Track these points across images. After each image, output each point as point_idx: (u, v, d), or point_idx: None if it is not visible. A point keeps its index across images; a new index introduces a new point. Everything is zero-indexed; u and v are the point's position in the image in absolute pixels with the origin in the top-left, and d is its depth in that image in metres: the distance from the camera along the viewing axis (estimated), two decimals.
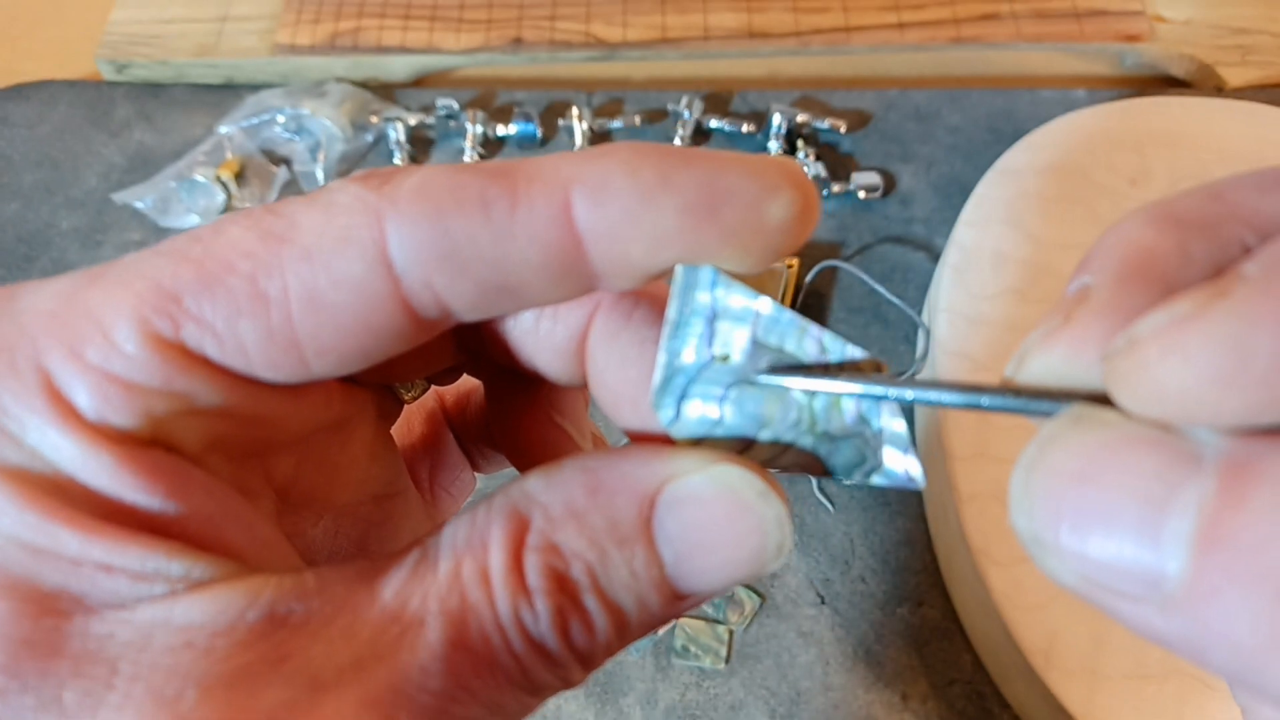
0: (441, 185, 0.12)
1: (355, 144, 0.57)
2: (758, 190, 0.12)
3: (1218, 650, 0.09)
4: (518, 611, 0.12)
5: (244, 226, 0.13)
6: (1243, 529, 0.09)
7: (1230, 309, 0.09)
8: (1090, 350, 0.11)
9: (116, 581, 0.12)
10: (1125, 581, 0.10)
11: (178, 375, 0.12)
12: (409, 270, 0.12)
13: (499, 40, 0.59)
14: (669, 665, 0.41)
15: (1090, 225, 0.45)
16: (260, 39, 0.60)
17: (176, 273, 0.12)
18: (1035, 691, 0.37)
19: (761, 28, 0.59)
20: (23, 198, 0.57)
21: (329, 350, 0.13)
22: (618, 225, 0.12)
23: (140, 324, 0.12)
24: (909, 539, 0.43)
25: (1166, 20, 0.58)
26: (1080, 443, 0.10)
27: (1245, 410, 0.09)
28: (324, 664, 0.11)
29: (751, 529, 0.13)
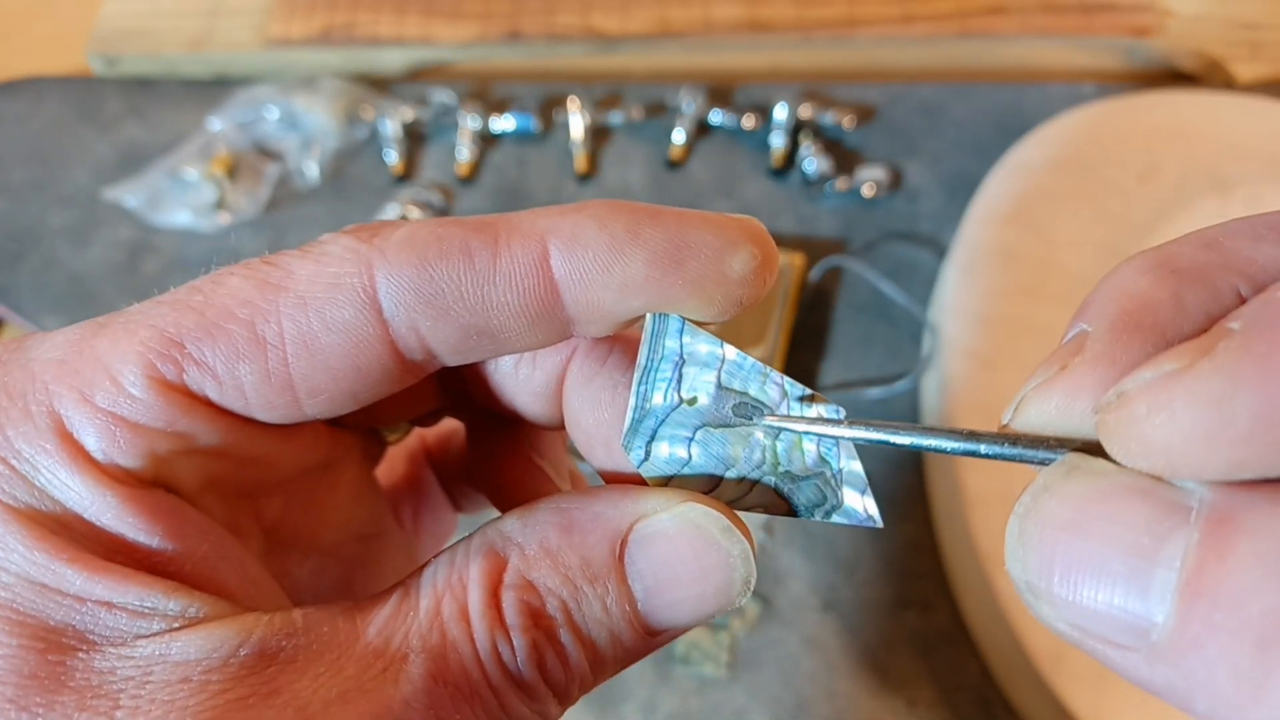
0: (427, 236, 0.14)
1: (348, 139, 0.56)
2: (720, 245, 0.13)
3: (1201, 698, 0.10)
4: (495, 646, 0.13)
5: (242, 276, 0.14)
6: (1224, 580, 0.09)
7: (1213, 368, 0.10)
8: (1085, 400, 0.11)
9: (118, 618, 0.12)
10: (1114, 631, 0.10)
11: (180, 416, 0.13)
12: (397, 314, 0.13)
13: (495, 32, 0.58)
14: (670, 672, 0.40)
15: (1100, 222, 0.45)
16: (252, 32, 0.59)
17: (179, 320, 0.13)
18: (1043, 697, 0.36)
19: (764, 19, 0.58)
20: (12, 195, 0.56)
21: (321, 391, 0.14)
22: (590, 273, 0.13)
23: (146, 368, 0.13)
24: (915, 543, 0.43)
25: (1176, 14, 0.57)
26: (1072, 493, 0.11)
27: (1229, 466, 0.10)
28: (312, 698, 0.12)
29: (717, 564, 0.14)
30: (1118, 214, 0.45)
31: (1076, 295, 0.43)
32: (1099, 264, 0.43)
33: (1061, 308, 0.42)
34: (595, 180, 0.54)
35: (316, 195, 0.55)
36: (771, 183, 0.53)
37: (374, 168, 0.55)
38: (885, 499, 0.44)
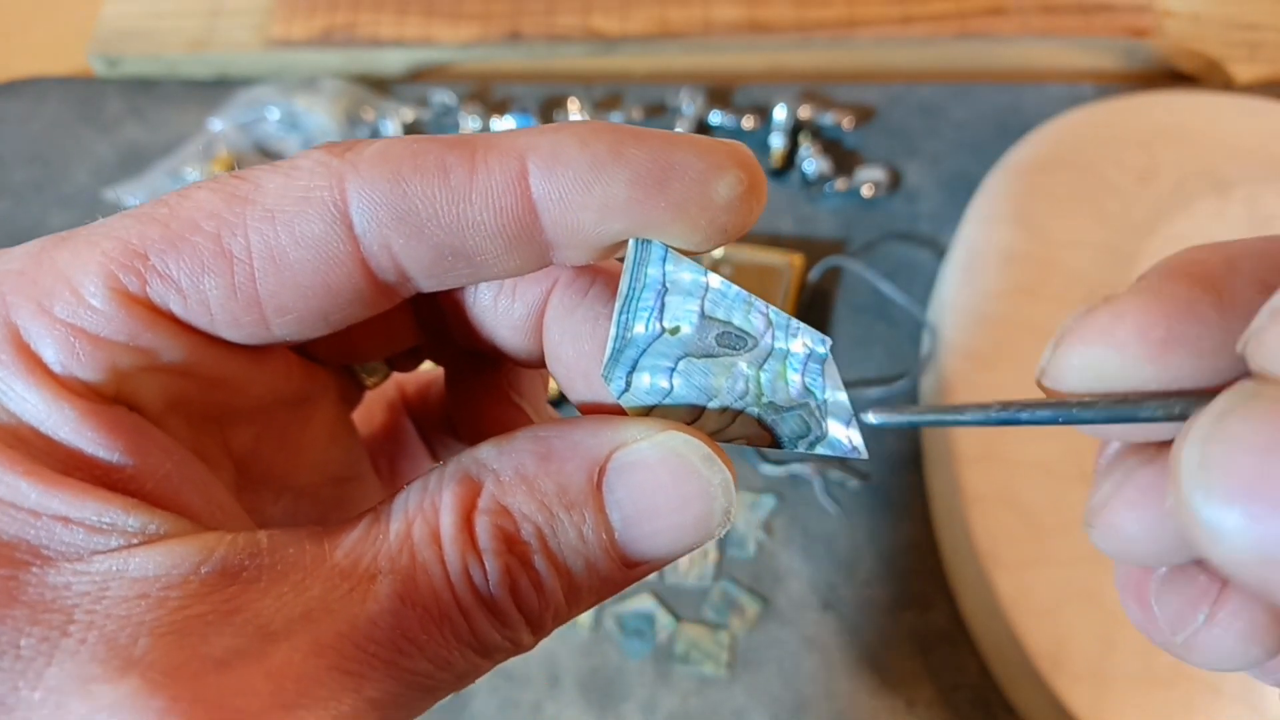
0: (402, 151, 0.13)
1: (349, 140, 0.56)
2: (705, 167, 0.13)
3: None
4: (468, 569, 0.13)
5: (210, 189, 0.13)
6: None
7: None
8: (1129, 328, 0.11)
9: (74, 533, 0.12)
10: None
11: (143, 330, 0.13)
12: (368, 230, 0.13)
13: (496, 33, 0.58)
14: (670, 671, 0.40)
15: (1099, 223, 0.45)
16: (253, 33, 0.59)
17: (144, 232, 0.13)
18: (1042, 697, 0.36)
19: (764, 20, 0.58)
20: (13, 195, 0.56)
21: (289, 309, 0.13)
22: (570, 193, 0.13)
23: (108, 279, 0.12)
24: (914, 543, 0.43)
25: (1174, 15, 0.57)
26: (1264, 413, 0.10)
27: None
28: (274, 616, 0.12)
29: (697, 493, 0.13)
30: (1117, 214, 0.45)
31: (1075, 295, 0.43)
32: (1098, 264, 0.43)
33: (1061, 308, 0.42)
34: None
35: None
36: (771, 183, 0.53)
37: None
38: (884, 499, 0.44)
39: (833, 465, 0.44)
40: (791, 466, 0.44)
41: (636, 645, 0.41)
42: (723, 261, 0.48)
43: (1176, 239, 0.44)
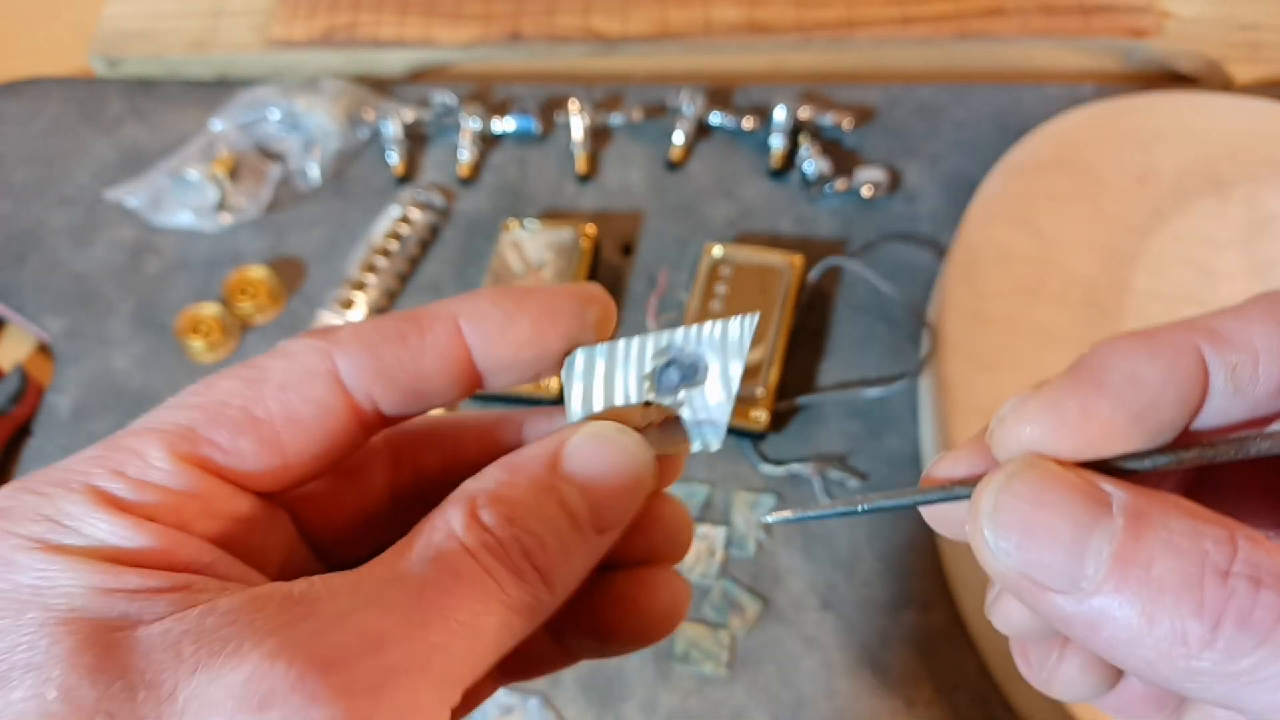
0: (369, 329, 0.19)
1: (350, 140, 0.56)
2: (579, 305, 0.19)
3: (1108, 627, 0.15)
4: (484, 541, 0.17)
5: (229, 378, 0.18)
6: (1140, 552, 0.14)
7: (1050, 387, 0.16)
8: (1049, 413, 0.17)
9: (170, 598, 0.15)
10: (1053, 577, 0.15)
11: (198, 481, 0.17)
12: (356, 387, 0.18)
13: (497, 34, 0.58)
14: (670, 671, 0.40)
15: (1098, 223, 0.45)
16: (254, 34, 0.59)
17: (189, 415, 0.18)
18: (1041, 696, 0.36)
19: (764, 21, 0.58)
20: (14, 195, 0.56)
21: (304, 452, 0.18)
22: (492, 337, 0.19)
23: (169, 447, 0.17)
24: (914, 543, 0.43)
25: (1174, 15, 0.57)
26: (1035, 479, 0.16)
27: (1074, 447, 0.16)
28: (347, 609, 0.15)
29: (621, 451, 0.19)
30: (1116, 215, 0.45)
31: (1074, 296, 0.43)
32: (1097, 264, 0.44)
33: (1060, 308, 0.42)
34: (595, 181, 0.55)
35: (318, 196, 0.55)
36: (771, 183, 0.54)
37: (375, 169, 0.56)
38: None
39: (833, 465, 0.44)
40: (791, 466, 0.44)
41: None
42: (723, 262, 0.48)
43: (1175, 239, 0.44)
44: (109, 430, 0.17)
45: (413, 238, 0.52)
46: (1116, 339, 0.17)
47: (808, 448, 0.45)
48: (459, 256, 0.52)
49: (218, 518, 0.17)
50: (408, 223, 0.53)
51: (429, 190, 0.54)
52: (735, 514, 0.43)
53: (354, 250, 0.52)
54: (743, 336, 0.19)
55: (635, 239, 0.52)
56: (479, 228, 0.53)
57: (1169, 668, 0.14)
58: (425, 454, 0.22)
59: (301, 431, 0.18)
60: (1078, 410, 0.16)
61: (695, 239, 0.52)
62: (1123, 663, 0.15)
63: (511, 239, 0.50)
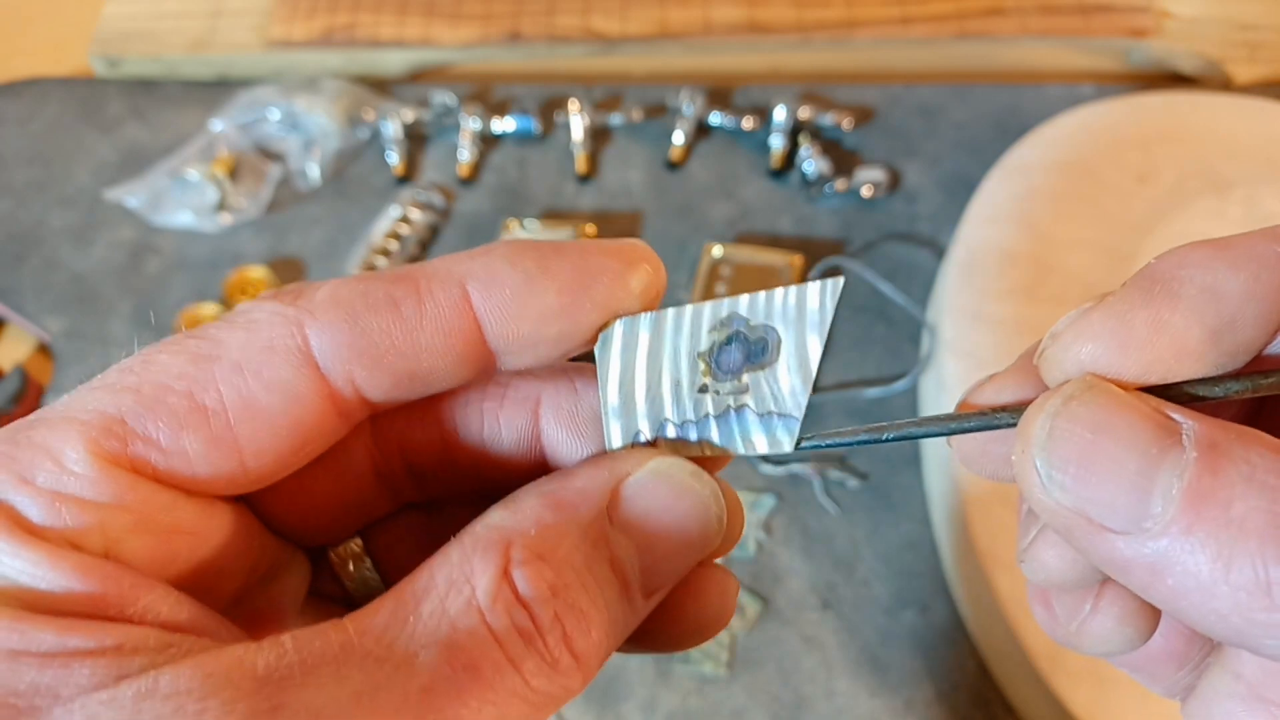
0: (351, 292, 0.14)
1: (350, 140, 0.56)
2: (620, 266, 0.15)
3: (1174, 575, 0.12)
4: (515, 623, 0.13)
5: (172, 352, 0.14)
6: (1217, 489, 0.12)
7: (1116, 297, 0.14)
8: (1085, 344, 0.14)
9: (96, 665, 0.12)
10: (1113, 516, 0.13)
11: (127, 490, 0.13)
12: (332, 368, 0.14)
13: (496, 34, 0.58)
14: (670, 671, 0.40)
15: (1098, 223, 0.45)
16: (254, 34, 0.59)
17: (118, 401, 0.14)
18: (1041, 696, 0.36)
19: (763, 21, 0.58)
20: (14, 195, 0.56)
21: (266, 451, 0.14)
22: (509, 306, 0.15)
23: (90, 445, 0.13)
24: (914, 542, 0.43)
25: (1174, 16, 0.57)
26: (1097, 402, 0.13)
27: (1140, 368, 0.13)
28: (324, 705, 0.12)
29: (694, 505, 0.15)
30: (1116, 215, 0.45)
31: (1074, 295, 0.43)
32: (1097, 264, 0.44)
33: (1059, 308, 0.42)
34: (595, 181, 0.55)
35: (318, 196, 0.55)
36: (771, 184, 0.54)
37: (375, 168, 0.56)
38: (884, 498, 0.44)
39: (833, 465, 0.44)
40: (791, 466, 0.44)
41: None
42: (723, 262, 0.48)
43: (1175, 239, 0.44)
44: None
45: (412, 238, 0.52)
46: (1189, 246, 0.14)
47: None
48: None
49: (156, 534, 0.14)
50: (408, 223, 0.53)
51: (429, 190, 0.54)
52: None
53: (354, 250, 0.52)
54: (824, 306, 0.15)
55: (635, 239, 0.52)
56: (479, 228, 0.53)
57: (1246, 622, 0.12)
58: (417, 430, 0.17)
59: (263, 425, 0.14)
60: (1148, 325, 0.13)
61: (695, 239, 0.52)
62: (1187, 615, 0.13)
63: (511, 239, 0.50)
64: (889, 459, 0.45)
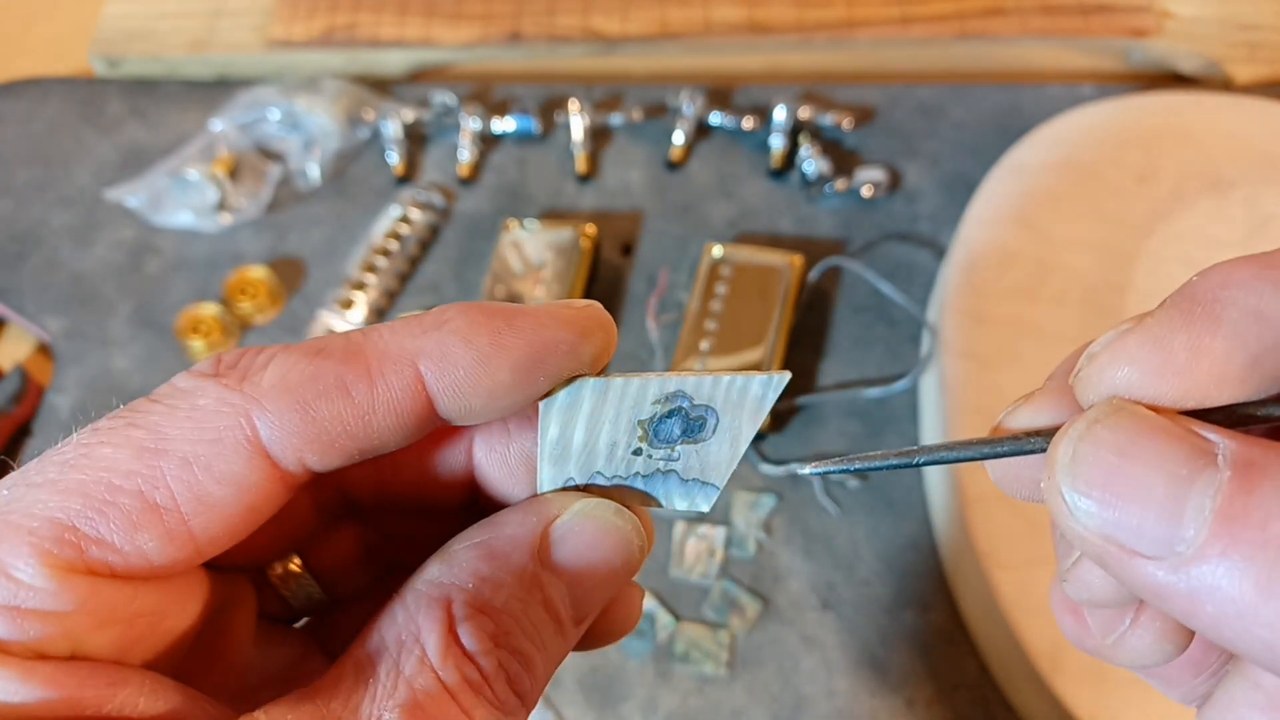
0: (301, 376, 0.15)
1: (350, 140, 0.56)
2: (574, 339, 0.15)
3: (1213, 601, 0.12)
4: (466, 677, 0.14)
5: (114, 445, 0.14)
6: (1252, 509, 0.12)
7: (1154, 320, 0.13)
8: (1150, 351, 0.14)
9: None
10: (1143, 541, 0.12)
11: (88, 595, 0.13)
12: (285, 456, 0.15)
13: (497, 34, 0.58)
14: (670, 671, 0.40)
15: (1098, 223, 0.45)
16: (254, 34, 0.59)
17: (65, 503, 0.13)
18: (1042, 696, 0.36)
19: (763, 21, 0.58)
20: (14, 195, 0.56)
21: (219, 536, 0.15)
22: (462, 386, 0.15)
23: (42, 558, 0.13)
24: (914, 543, 0.43)
25: (1174, 16, 0.57)
26: (1123, 425, 0.13)
27: (1177, 394, 0.13)
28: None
29: (618, 541, 0.16)
30: (1116, 214, 0.45)
31: (1074, 295, 0.43)
32: (1097, 264, 0.44)
33: (1059, 308, 0.42)
34: (596, 181, 0.55)
35: (318, 196, 0.55)
36: (771, 183, 0.54)
37: (375, 168, 0.56)
38: (884, 499, 0.44)
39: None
40: (791, 466, 0.44)
41: (637, 645, 0.41)
42: (723, 262, 0.48)
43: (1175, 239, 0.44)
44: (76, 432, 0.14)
45: (413, 238, 0.52)
46: (1233, 264, 0.14)
47: (808, 447, 0.45)
48: (459, 256, 0.53)
49: (119, 624, 0.14)
50: (408, 223, 0.53)
51: (429, 190, 0.54)
52: (735, 514, 0.43)
53: (354, 250, 0.52)
54: (765, 397, 0.16)
55: (635, 239, 0.52)
56: (479, 228, 0.53)
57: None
58: (354, 470, 0.17)
59: (216, 516, 0.14)
60: (1187, 349, 0.13)
61: (695, 239, 0.52)
62: (1231, 644, 0.12)
63: (511, 239, 0.50)
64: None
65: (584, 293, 0.49)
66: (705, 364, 0.45)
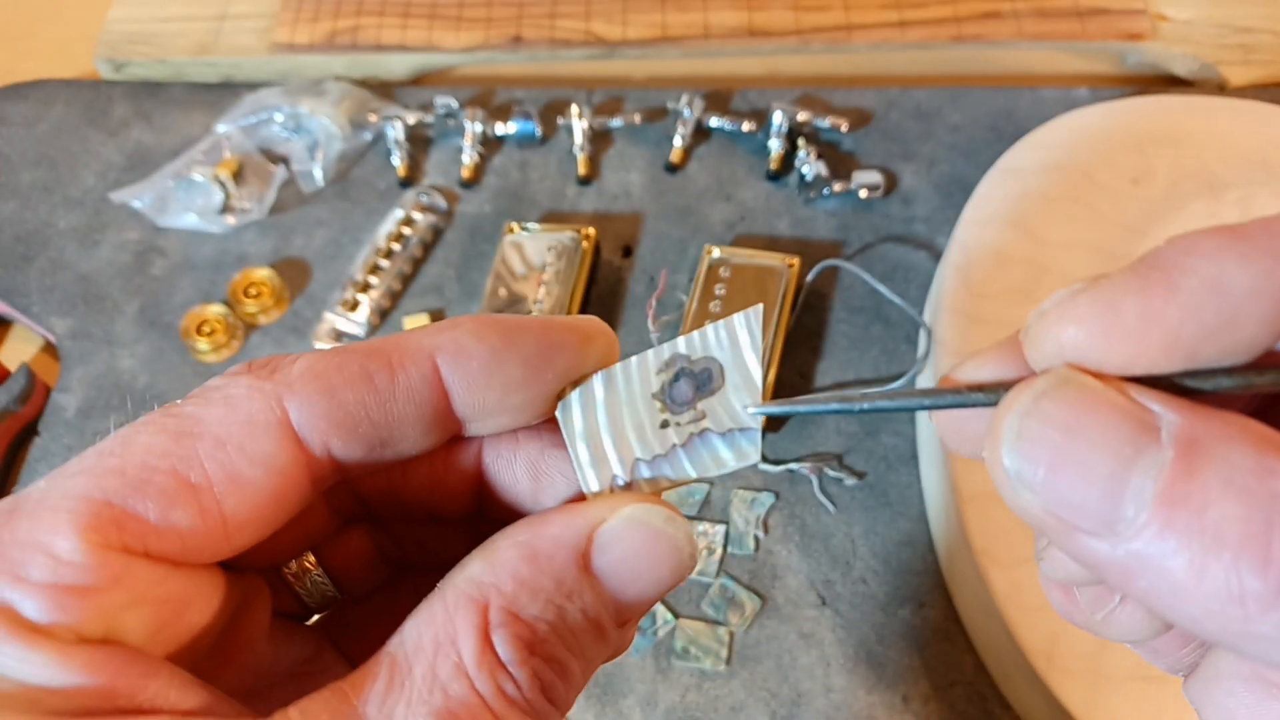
0: (327, 365, 0.15)
1: (353, 143, 0.57)
2: (579, 340, 0.16)
3: (1146, 577, 0.12)
4: (500, 687, 0.14)
5: (151, 431, 0.15)
6: (1192, 492, 0.12)
7: (1107, 282, 0.13)
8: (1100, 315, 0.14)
9: None
10: (1085, 518, 0.13)
11: (123, 569, 0.14)
12: (311, 439, 0.15)
13: (498, 38, 0.59)
14: (669, 667, 0.41)
15: (1092, 224, 0.45)
16: (259, 37, 0.60)
17: (102, 484, 0.14)
18: (1037, 692, 0.37)
19: (762, 26, 0.59)
20: (20, 197, 0.57)
21: (248, 522, 0.15)
22: (476, 379, 0.16)
23: (82, 533, 0.14)
24: (910, 540, 0.43)
25: (1169, 19, 0.57)
26: (1068, 399, 0.13)
27: (1123, 360, 0.13)
28: None
29: (669, 549, 0.16)
30: (1110, 216, 0.45)
31: None
32: (1091, 266, 0.44)
33: None
34: (596, 184, 0.55)
35: (322, 198, 0.55)
36: (769, 186, 0.54)
37: (379, 171, 0.56)
38: (880, 496, 0.44)
39: (830, 463, 0.45)
40: (789, 464, 0.45)
41: (636, 641, 0.41)
42: (722, 263, 0.48)
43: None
44: (115, 429, 0.15)
45: (415, 239, 0.53)
46: (1200, 233, 0.13)
47: (805, 446, 0.46)
48: (461, 258, 0.53)
49: (150, 607, 0.14)
50: (410, 225, 0.53)
51: (431, 193, 0.55)
52: (734, 512, 0.44)
53: (357, 252, 0.53)
54: (750, 330, 0.17)
55: (635, 241, 0.53)
56: (481, 230, 0.54)
57: (1218, 626, 0.12)
58: (367, 480, 0.18)
59: (247, 497, 0.15)
60: (1138, 315, 0.13)
61: (695, 241, 0.52)
62: (1163, 615, 0.13)
63: (513, 241, 0.50)
64: (886, 458, 0.45)
65: (584, 294, 0.50)
66: None
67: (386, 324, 0.51)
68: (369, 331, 0.51)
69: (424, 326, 0.16)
